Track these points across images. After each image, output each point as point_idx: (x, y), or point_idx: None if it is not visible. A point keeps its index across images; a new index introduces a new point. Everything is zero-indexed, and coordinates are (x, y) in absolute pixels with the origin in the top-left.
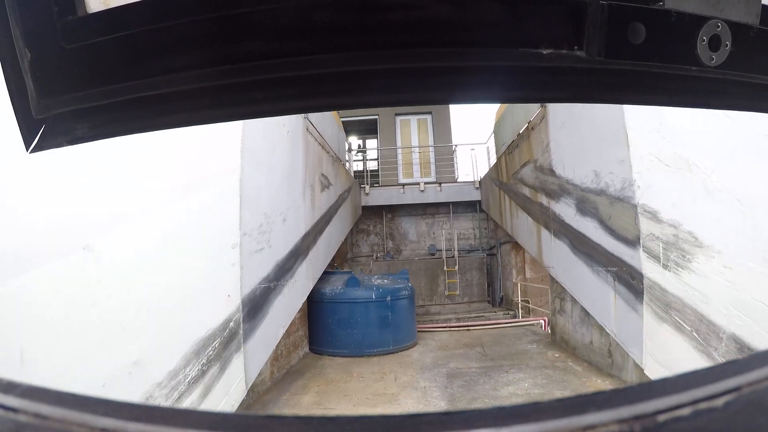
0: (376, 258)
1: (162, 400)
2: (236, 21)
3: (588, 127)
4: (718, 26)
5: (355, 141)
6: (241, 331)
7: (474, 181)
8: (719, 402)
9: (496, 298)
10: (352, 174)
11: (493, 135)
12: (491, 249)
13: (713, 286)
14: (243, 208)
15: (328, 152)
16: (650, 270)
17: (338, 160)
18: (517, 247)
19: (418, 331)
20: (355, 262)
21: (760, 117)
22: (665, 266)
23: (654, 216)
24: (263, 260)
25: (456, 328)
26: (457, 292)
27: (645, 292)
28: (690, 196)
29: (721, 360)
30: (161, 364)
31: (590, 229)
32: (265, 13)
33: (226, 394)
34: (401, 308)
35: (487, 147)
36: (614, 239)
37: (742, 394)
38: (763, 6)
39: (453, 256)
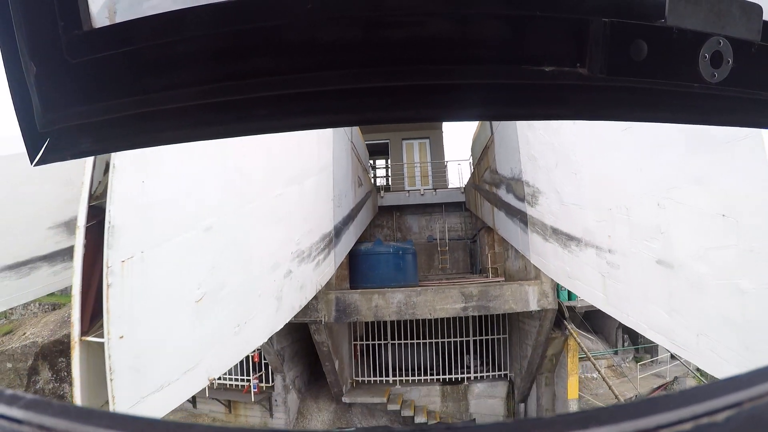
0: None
1: (307, 257)
2: (240, 37)
3: (507, 143)
4: (720, 43)
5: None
6: (333, 240)
7: (460, 187)
8: (720, 417)
9: (476, 269)
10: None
11: (471, 151)
12: (473, 237)
13: (544, 208)
14: (334, 186)
15: (360, 162)
16: (528, 210)
17: (365, 170)
18: (488, 230)
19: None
20: None
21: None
22: (530, 205)
23: (527, 184)
24: (340, 212)
25: (445, 284)
26: (448, 266)
27: (527, 222)
28: (538, 172)
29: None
30: (311, 240)
31: (510, 198)
32: (269, 30)
33: (328, 266)
34: (408, 260)
35: (469, 162)
36: (517, 200)
37: (743, 410)
38: (764, 22)
39: (445, 243)
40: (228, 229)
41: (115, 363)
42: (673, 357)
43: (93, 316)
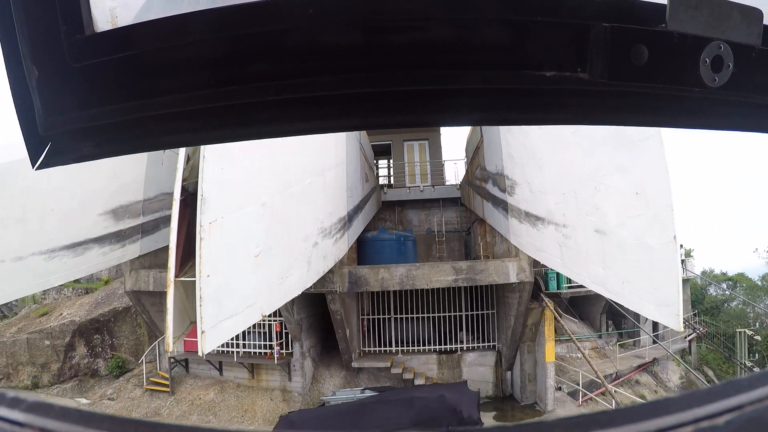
0: None
1: (328, 234)
2: (241, 42)
3: (493, 144)
4: (721, 47)
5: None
6: (347, 223)
7: (456, 184)
8: (721, 420)
9: (470, 257)
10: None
11: (465, 152)
12: (468, 229)
13: (519, 196)
14: (347, 179)
15: (367, 161)
16: (508, 199)
17: (371, 168)
18: (481, 222)
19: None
20: None
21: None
22: (510, 194)
23: (507, 177)
24: (351, 201)
25: (439, 261)
26: (445, 255)
27: (508, 209)
28: (515, 167)
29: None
30: (331, 221)
31: (495, 190)
32: (270, 35)
33: (343, 244)
34: (408, 246)
35: (464, 161)
36: (500, 191)
37: (743, 413)
38: (765, 27)
39: (442, 234)
40: (275, 206)
41: (203, 294)
42: (654, 342)
43: (182, 263)
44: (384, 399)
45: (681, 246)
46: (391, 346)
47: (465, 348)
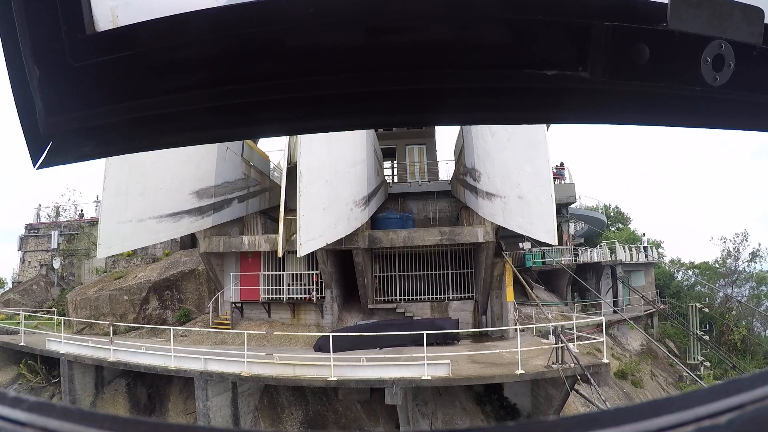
0: None
1: (358, 205)
2: (242, 42)
3: (469, 146)
4: (722, 46)
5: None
6: (367, 201)
7: (447, 180)
8: (722, 420)
9: None
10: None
11: (453, 153)
12: (457, 215)
13: (483, 182)
14: (367, 171)
15: (378, 159)
16: (477, 185)
17: (381, 165)
18: (466, 209)
19: None
20: None
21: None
22: (477, 182)
23: (476, 170)
24: (369, 187)
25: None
26: None
27: (477, 192)
28: (480, 163)
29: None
30: (360, 197)
31: (470, 180)
32: (272, 35)
33: (365, 214)
34: (409, 224)
35: (455, 162)
36: (473, 180)
37: (745, 412)
38: (766, 25)
39: (436, 219)
40: (332, 183)
41: (301, 225)
42: (615, 312)
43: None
44: (392, 322)
45: (644, 234)
46: (396, 295)
47: (451, 298)
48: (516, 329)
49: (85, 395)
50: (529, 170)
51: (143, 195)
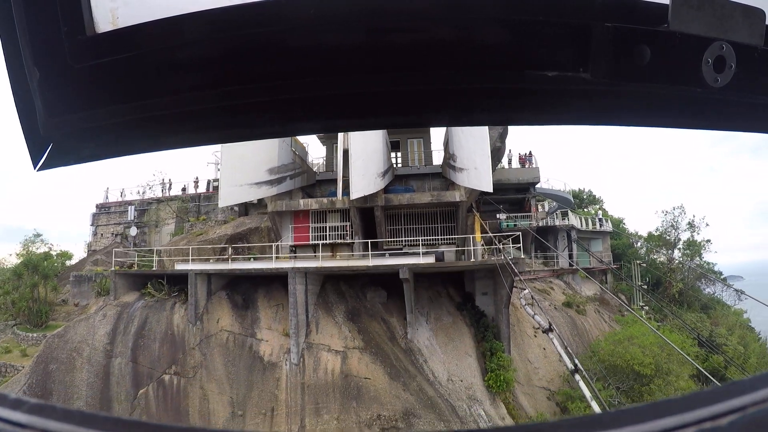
0: None
1: (380, 175)
2: (242, 42)
3: (450, 139)
4: (723, 48)
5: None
6: (385, 175)
7: (439, 164)
8: (724, 422)
9: None
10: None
11: (443, 144)
12: (446, 188)
13: (458, 161)
14: (383, 154)
15: (388, 148)
16: (455, 163)
17: (390, 153)
18: (451, 183)
19: None
20: None
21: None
22: (455, 162)
23: (455, 154)
24: (385, 165)
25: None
26: None
27: (455, 168)
28: (457, 149)
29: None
30: (377, 170)
31: (451, 161)
32: (271, 35)
33: (383, 182)
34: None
35: (444, 150)
36: (453, 161)
37: (746, 414)
38: (767, 27)
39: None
40: (366, 159)
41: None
42: (570, 265)
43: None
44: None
45: (599, 208)
46: (402, 242)
47: (440, 243)
48: (481, 255)
49: (201, 299)
50: (480, 151)
51: (240, 169)
